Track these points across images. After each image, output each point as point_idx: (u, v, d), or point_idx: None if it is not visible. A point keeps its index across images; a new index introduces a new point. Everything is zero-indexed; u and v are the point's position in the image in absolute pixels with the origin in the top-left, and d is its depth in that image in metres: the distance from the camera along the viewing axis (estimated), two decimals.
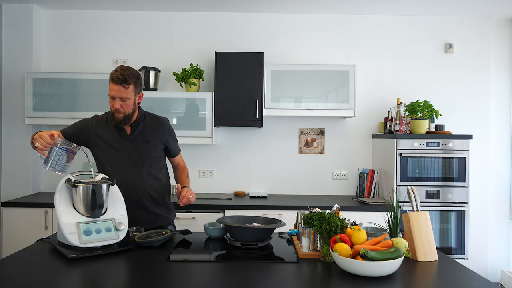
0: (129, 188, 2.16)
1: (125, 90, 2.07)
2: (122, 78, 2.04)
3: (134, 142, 2.20)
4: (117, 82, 2.05)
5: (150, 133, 2.24)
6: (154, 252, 1.85)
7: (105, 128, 2.21)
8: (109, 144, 2.19)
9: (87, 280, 1.56)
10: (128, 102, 2.10)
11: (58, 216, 1.80)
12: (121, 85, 2.05)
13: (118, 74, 2.05)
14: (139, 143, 2.21)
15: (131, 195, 2.14)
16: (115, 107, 2.10)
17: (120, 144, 2.19)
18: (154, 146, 2.24)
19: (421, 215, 1.85)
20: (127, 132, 2.21)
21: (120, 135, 2.20)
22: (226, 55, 3.59)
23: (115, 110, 2.11)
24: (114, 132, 2.20)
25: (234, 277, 1.58)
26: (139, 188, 2.19)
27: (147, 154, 2.21)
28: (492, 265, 3.95)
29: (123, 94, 2.07)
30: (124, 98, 2.08)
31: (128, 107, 2.11)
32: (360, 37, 3.96)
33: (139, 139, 2.21)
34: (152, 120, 2.28)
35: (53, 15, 3.92)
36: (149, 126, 2.25)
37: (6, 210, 3.29)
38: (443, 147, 3.40)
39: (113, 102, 2.10)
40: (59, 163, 1.89)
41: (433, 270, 1.69)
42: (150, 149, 2.22)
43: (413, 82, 3.96)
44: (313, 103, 3.59)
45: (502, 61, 4.01)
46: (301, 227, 1.86)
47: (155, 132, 2.25)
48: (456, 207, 3.41)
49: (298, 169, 3.97)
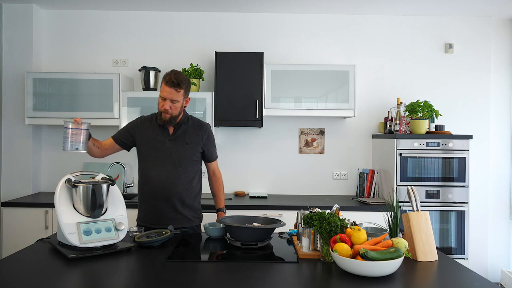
0: (163, 185, 2.30)
1: (176, 93, 2.21)
2: (176, 82, 2.19)
3: (175, 142, 2.33)
4: (171, 85, 2.19)
5: (190, 135, 2.37)
6: (154, 252, 1.85)
7: (149, 127, 2.36)
8: (151, 142, 2.33)
9: (87, 280, 1.56)
10: (177, 105, 2.24)
11: (58, 216, 1.80)
12: (174, 88, 2.20)
13: (173, 77, 2.20)
14: (179, 144, 2.34)
15: (163, 192, 2.29)
16: (164, 107, 2.23)
17: (162, 143, 2.32)
18: (193, 148, 2.37)
19: (421, 215, 1.85)
20: (170, 132, 2.34)
21: (163, 134, 2.33)
22: (226, 55, 3.59)
23: (164, 111, 2.24)
24: (157, 131, 2.34)
25: (234, 277, 1.58)
26: (172, 187, 2.31)
27: (185, 155, 2.34)
28: (492, 265, 3.95)
29: (174, 96, 2.21)
30: (174, 101, 2.22)
31: (176, 109, 2.25)
32: (360, 37, 3.96)
33: (180, 140, 2.34)
34: (194, 124, 2.42)
35: (53, 15, 3.92)
36: (191, 128, 2.38)
37: (6, 210, 3.29)
38: (443, 147, 3.40)
39: (163, 102, 2.24)
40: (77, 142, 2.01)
41: (433, 270, 1.69)
42: (189, 151, 2.35)
43: (413, 82, 3.96)
44: (313, 103, 3.59)
45: (502, 61, 4.01)
46: (301, 227, 1.86)
47: (195, 135, 2.38)
48: (456, 207, 3.41)
49: (298, 169, 3.97)
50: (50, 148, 3.92)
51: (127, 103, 3.53)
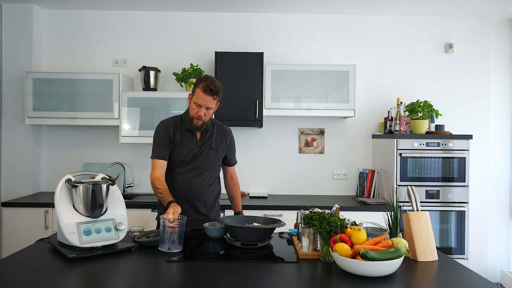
0: (188, 188, 2.28)
1: (213, 101, 2.18)
2: (214, 90, 2.15)
3: (202, 147, 2.30)
4: (209, 93, 2.15)
5: (216, 141, 2.35)
6: (154, 252, 1.85)
7: (177, 131, 2.30)
8: (180, 147, 2.28)
9: (87, 280, 1.56)
10: (210, 112, 2.22)
11: (58, 216, 1.80)
12: (212, 96, 2.16)
13: (211, 86, 2.14)
14: (206, 150, 2.31)
15: (187, 195, 2.27)
16: (198, 114, 2.19)
17: (190, 148, 2.28)
18: (218, 154, 2.36)
19: (421, 215, 1.85)
20: (197, 137, 2.31)
21: (190, 140, 2.29)
22: (226, 55, 3.59)
23: (198, 117, 2.20)
24: (185, 136, 2.29)
25: (234, 277, 1.58)
26: (197, 191, 2.30)
27: (211, 160, 2.33)
28: (492, 265, 3.95)
29: (210, 104, 2.18)
30: (209, 108, 2.20)
31: (209, 116, 2.24)
32: (360, 37, 3.96)
33: (207, 146, 2.32)
34: (219, 129, 2.39)
35: (53, 15, 3.92)
36: (216, 133, 2.36)
37: (6, 210, 3.29)
38: (443, 147, 3.40)
39: (197, 109, 2.19)
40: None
41: (433, 270, 1.69)
42: (214, 156, 2.34)
43: (413, 82, 3.96)
44: (313, 103, 3.59)
45: (502, 61, 4.01)
46: (301, 227, 1.86)
47: (220, 140, 2.36)
48: (456, 207, 3.41)
49: (298, 169, 3.97)
50: (50, 148, 3.91)
51: (127, 103, 3.53)
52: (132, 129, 3.54)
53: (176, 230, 1.85)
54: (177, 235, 1.85)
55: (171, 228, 1.85)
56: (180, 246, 1.86)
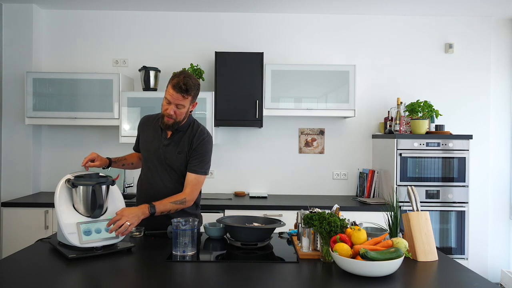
0: (142, 184, 2.25)
1: (183, 99, 2.04)
2: (184, 87, 2.01)
3: (167, 149, 2.17)
4: (178, 90, 2.01)
5: (183, 144, 2.17)
6: (154, 252, 1.85)
7: (149, 128, 2.25)
8: (147, 146, 2.22)
9: (87, 280, 1.56)
10: (182, 110, 2.08)
11: (58, 216, 1.80)
12: (181, 94, 2.02)
13: (181, 82, 2.00)
14: (172, 152, 2.16)
15: (156, 198, 2.08)
16: (168, 111, 2.06)
17: (157, 148, 2.18)
18: (183, 158, 2.16)
19: (421, 215, 1.85)
20: (167, 136, 2.19)
21: (159, 139, 2.18)
22: (226, 55, 3.59)
23: (167, 115, 2.07)
24: (156, 134, 2.20)
25: (234, 277, 1.58)
26: (151, 189, 2.19)
27: (176, 164, 2.16)
28: (492, 265, 3.95)
29: (180, 101, 2.04)
30: (180, 106, 2.05)
31: (181, 114, 2.09)
32: (360, 37, 3.96)
33: (172, 148, 2.17)
34: (192, 132, 2.19)
35: (53, 15, 3.92)
36: (186, 137, 2.18)
37: (6, 210, 3.29)
38: (443, 147, 3.40)
39: (167, 106, 2.07)
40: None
41: (433, 270, 1.69)
42: (179, 161, 2.16)
43: (413, 82, 3.96)
44: (313, 103, 3.59)
45: (502, 61, 4.01)
46: (301, 227, 1.86)
47: (186, 143, 2.17)
48: (456, 207, 3.41)
49: (298, 169, 3.97)
50: (50, 148, 3.91)
51: (127, 103, 3.53)
52: (132, 129, 3.54)
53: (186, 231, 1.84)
54: (189, 238, 1.83)
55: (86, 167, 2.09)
56: (194, 249, 1.84)
